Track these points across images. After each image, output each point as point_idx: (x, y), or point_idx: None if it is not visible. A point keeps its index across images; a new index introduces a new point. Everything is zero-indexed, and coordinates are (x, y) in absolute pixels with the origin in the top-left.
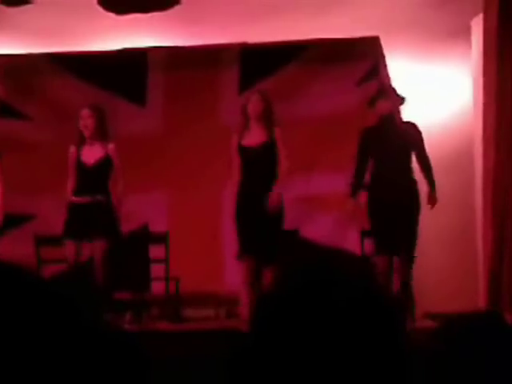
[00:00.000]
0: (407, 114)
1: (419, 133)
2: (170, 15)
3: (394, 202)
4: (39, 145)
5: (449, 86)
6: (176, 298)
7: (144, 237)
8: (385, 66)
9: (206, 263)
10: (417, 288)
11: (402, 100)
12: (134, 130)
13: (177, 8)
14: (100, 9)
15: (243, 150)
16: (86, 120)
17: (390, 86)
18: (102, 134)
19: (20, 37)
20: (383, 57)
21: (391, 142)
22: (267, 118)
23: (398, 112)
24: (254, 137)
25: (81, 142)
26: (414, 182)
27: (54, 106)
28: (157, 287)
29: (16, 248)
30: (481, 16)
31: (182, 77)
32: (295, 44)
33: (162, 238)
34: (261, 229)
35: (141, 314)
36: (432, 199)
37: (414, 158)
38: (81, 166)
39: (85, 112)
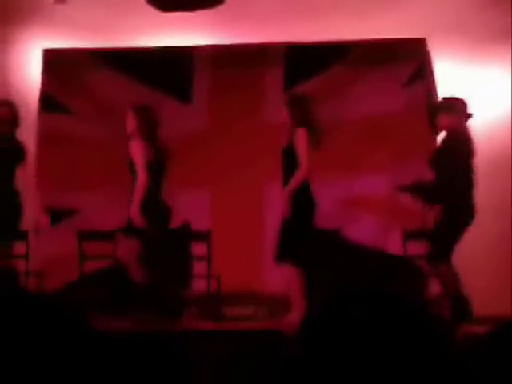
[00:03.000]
0: None
1: None
2: (215, 13)
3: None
4: (82, 140)
5: (489, 88)
6: (217, 297)
7: (186, 234)
8: (431, 68)
9: (247, 262)
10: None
11: (468, 115)
12: (179, 126)
13: (222, 6)
14: (146, 5)
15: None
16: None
17: (457, 100)
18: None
19: (66, 31)
20: (430, 59)
21: (454, 156)
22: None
23: (463, 127)
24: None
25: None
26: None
27: (98, 102)
28: (198, 285)
29: (59, 243)
30: None
31: (227, 74)
32: (340, 44)
33: (204, 236)
34: (289, 230)
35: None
36: None
37: None
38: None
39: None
